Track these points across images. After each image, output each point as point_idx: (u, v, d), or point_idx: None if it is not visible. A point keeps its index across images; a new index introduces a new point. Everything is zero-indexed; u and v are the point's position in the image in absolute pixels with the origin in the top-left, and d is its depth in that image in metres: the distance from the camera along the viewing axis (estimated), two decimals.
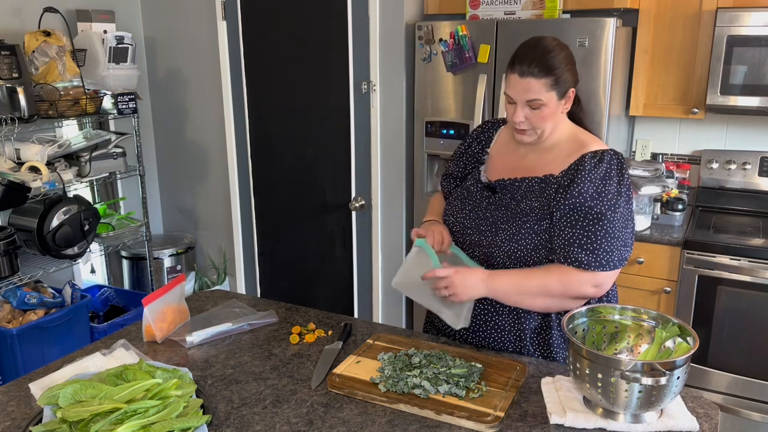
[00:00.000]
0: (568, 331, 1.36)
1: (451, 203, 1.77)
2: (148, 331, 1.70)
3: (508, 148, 1.72)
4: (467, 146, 1.82)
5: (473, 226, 1.66)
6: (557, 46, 1.54)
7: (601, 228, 1.49)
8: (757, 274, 2.51)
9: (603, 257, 1.50)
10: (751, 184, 2.96)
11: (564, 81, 1.52)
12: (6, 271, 2.66)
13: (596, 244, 1.49)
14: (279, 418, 1.35)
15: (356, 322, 1.81)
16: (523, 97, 1.53)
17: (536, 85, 1.50)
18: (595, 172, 1.52)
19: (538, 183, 1.59)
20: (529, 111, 1.54)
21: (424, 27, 2.84)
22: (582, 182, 1.51)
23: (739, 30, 2.57)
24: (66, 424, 1.23)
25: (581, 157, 1.55)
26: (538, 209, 1.57)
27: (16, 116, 2.60)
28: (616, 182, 1.52)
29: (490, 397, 1.39)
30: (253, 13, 3.30)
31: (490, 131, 1.79)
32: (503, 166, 1.70)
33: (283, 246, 3.56)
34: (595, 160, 1.53)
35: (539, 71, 1.49)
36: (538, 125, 1.55)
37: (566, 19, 2.64)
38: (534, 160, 1.64)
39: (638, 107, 2.88)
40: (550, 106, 1.53)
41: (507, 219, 1.60)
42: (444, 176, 1.88)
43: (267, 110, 3.41)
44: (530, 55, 1.51)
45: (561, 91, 1.53)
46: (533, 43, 1.54)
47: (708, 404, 1.38)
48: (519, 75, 1.51)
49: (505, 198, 1.63)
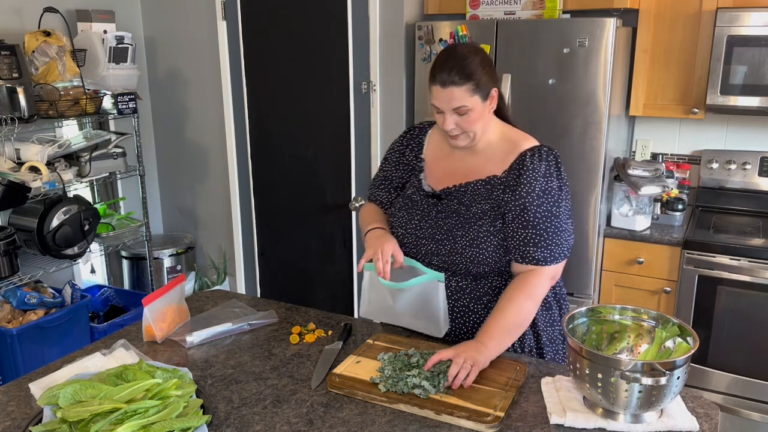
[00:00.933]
0: (568, 331, 1.37)
1: (396, 215, 1.76)
2: (148, 331, 1.70)
3: (442, 152, 1.75)
4: (400, 154, 1.81)
5: (428, 236, 1.67)
6: (471, 51, 1.58)
7: (551, 224, 1.58)
8: (757, 274, 2.51)
9: (556, 251, 1.59)
10: (751, 184, 2.96)
11: (484, 83, 1.57)
12: (6, 271, 2.66)
13: (549, 240, 1.58)
14: (279, 418, 1.35)
15: (356, 322, 1.81)
16: (449, 106, 1.57)
17: (459, 92, 1.55)
18: (538, 171, 1.59)
19: (483, 185, 1.64)
20: (458, 117, 1.59)
21: (424, 27, 2.84)
22: (527, 183, 1.58)
23: (739, 30, 2.57)
24: (66, 424, 1.23)
25: (521, 156, 1.61)
26: (489, 211, 1.62)
27: (16, 116, 2.60)
28: (556, 178, 1.60)
29: (490, 397, 1.39)
30: (253, 13, 3.30)
31: (419, 137, 1.80)
32: (443, 171, 1.73)
33: (283, 246, 3.56)
34: (536, 159, 1.60)
35: (459, 78, 1.54)
36: (468, 129, 1.60)
37: (566, 19, 2.64)
38: (472, 162, 1.68)
39: (638, 107, 2.88)
40: (476, 110, 1.58)
41: (461, 225, 1.62)
42: (377, 185, 1.85)
43: (267, 110, 3.41)
44: (448, 65, 1.55)
45: (484, 94, 1.58)
46: (448, 53, 1.58)
47: (708, 404, 1.38)
48: (441, 86, 1.56)
49: (452, 204, 1.66)
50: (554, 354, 1.72)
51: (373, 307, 1.71)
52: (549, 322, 1.71)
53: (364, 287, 1.70)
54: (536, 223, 1.57)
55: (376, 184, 1.86)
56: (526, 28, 2.65)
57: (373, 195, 1.87)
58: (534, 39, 2.62)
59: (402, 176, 1.81)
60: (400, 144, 1.83)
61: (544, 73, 2.64)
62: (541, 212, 1.57)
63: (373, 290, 1.69)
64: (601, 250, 2.79)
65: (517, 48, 2.67)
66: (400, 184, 1.82)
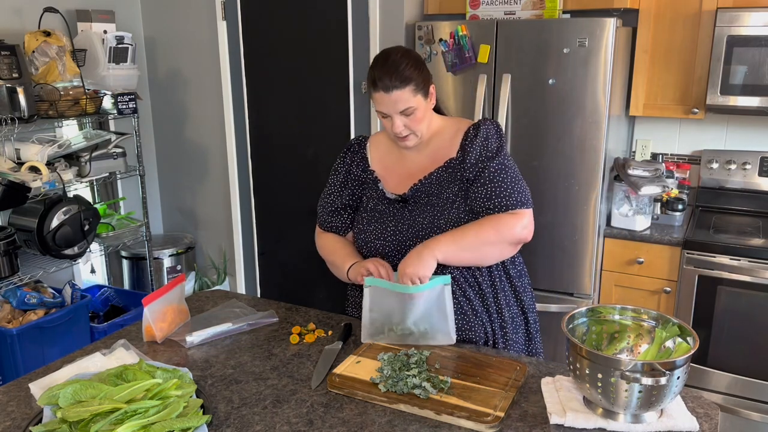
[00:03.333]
0: (568, 331, 1.37)
1: (366, 230, 1.75)
2: (148, 331, 1.70)
3: (391, 158, 1.80)
4: (346, 174, 1.82)
5: (410, 236, 1.69)
6: (404, 54, 1.65)
7: (506, 175, 1.66)
8: (757, 274, 2.51)
9: (520, 196, 1.66)
10: (751, 184, 2.96)
11: (422, 82, 1.65)
12: (6, 271, 2.66)
13: (510, 189, 1.65)
14: (279, 418, 1.35)
15: (356, 322, 1.80)
16: (395, 109, 1.64)
17: (404, 94, 1.62)
18: (479, 136, 1.69)
19: (445, 170, 1.71)
20: (405, 119, 1.66)
21: (424, 27, 2.84)
22: (472, 149, 1.68)
23: (739, 30, 2.57)
24: (66, 424, 1.23)
25: (465, 133, 1.72)
26: (459, 192, 1.69)
27: (16, 116, 2.60)
28: (495, 138, 1.70)
29: (490, 397, 1.39)
30: (253, 13, 3.30)
31: (360, 152, 1.84)
32: (399, 176, 1.77)
33: (283, 246, 3.56)
34: (476, 129, 1.71)
35: (401, 82, 1.61)
36: (416, 128, 1.68)
37: (566, 19, 2.64)
38: (425, 158, 1.75)
39: (638, 107, 2.88)
40: (421, 108, 1.66)
41: (439, 213, 1.68)
42: (328, 212, 1.83)
43: (267, 110, 3.41)
44: (387, 71, 1.61)
45: (424, 92, 1.66)
46: (384, 60, 1.64)
47: (708, 404, 1.38)
48: (384, 92, 1.62)
49: (421, 199, 1.71)
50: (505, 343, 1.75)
51: (375, 326, 1.65)
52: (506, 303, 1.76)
53: (364, 306, 1.65)
54: (491, 177, 1.65)
55: (327, 211, 1.84)
56: (526, 28, 2.65)
57: (326, 223, 1.85)
58: (534, 39, 2.62)
59: (352, 195, 1.81)
60: (341, 165, 1.84)
61: (544, 73, 2.64)
62: (493, 167, 1.66)
63: (375, 305, 1.65)
64: (601, 250, 2.79)
65: (517, 48, 2.67)
66: (351, 204, 1.82)
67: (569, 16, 2.71)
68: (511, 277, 1.77)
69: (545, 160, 2.70)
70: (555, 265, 2.76)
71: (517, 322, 1.78)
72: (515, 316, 1.78)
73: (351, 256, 1.76)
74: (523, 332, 1.80)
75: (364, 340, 1.65)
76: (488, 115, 2.78)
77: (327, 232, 1.87)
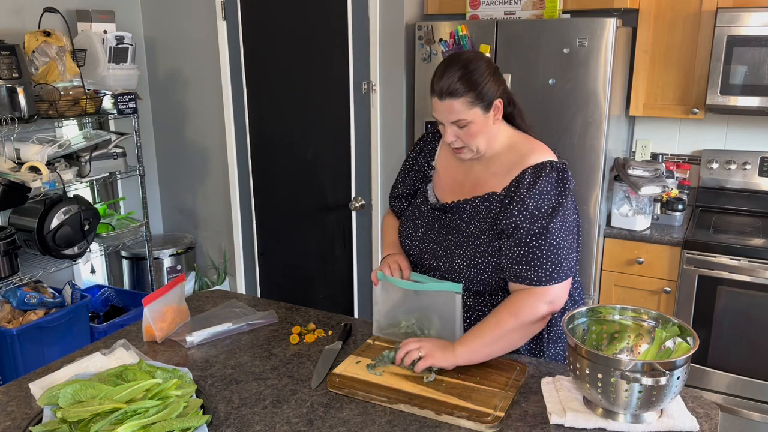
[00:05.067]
0: (568, 331, 1.37)
1: (404, 224, 1.74)
2: (148, 331, 1.70)
3: (453, 161, 1.69)
4: (413, 161, 1.79)
5: (429, 251, 1.65)
6: (472, 59, 1.50)
7: (545, 242, 1.48)
8: (757, 274, 2.51)
9: (552, 270, 1.48)
10: (751, 184, 2.96)
11: (486, 94, 1.49)
12: (6, 271, 2.66)
13: (543, 259, 1.48)
14: (279, 418, 1.35)
15: (356, 322, 1.81)
16: (447, 119, 1.51)
17: (456, 105, 1.48)
18: (534, 188, 1.50)
19: (482, 202, 1.57)
20: (458, 130, 1.52)
21: (424, 27, 2.84)
22: (521, 200, 1.50)
23: (739, 30, 2.57)
24: (66, 424, 1.23)
25: (521, 173, 1.53)
26: (487, 230, 1.55)
27: (16, 116, 2.60)
28: (555, 195, 1.50)
29: (490, 397, 1.39)
30: (253, 13, 3.30)
31: (432, 143, 1.76)
32: (451, 182, 1.68)
33: (283, 246, 3.56)
34: (534, 176, 1.51)
35: (457, 90, 1.47)
36: (469, 143, 1.54)
37: (566, 19, 2.64)
38: (479, 174, 1.62)
39: (638, 107, 2.88)
40: (477, 122, 1.51)
41: (460, 243, 1.58)
42: (393, 196, 1.83)
43: (267, 110, 3.41)
44: (446, 75, 1.48)
45: (485, 105, 1.50)
46: (448, 62, 1.51)
47: (708, 404, 1.38)
48: (439, 98, 1.50)
49: (454, 219, 1.61)
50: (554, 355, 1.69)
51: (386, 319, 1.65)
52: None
53: (376, 300, 1.66)
54: (528, 241, 1.48)
55: (393, 191, 1.84)
56: (526, 28, 2.65)
57: (391, 204, 1.85)
58: (534, 39, 2.62)
59: (414, 183, 1.78)
60: (414, 150, 1.79)
61: (544, 73, 2.64)
62: (534, 230, 1.48)
63: (386, 299, 1.64)
64: (601, 250, 2.79)
65: (517, 48, 2.67)
66: (412, 191, 1.79)
67: (569, 16, 2.71)
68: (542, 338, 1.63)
69: None
70: None
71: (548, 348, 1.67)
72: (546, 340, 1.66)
73: (391, 246, 1.74)
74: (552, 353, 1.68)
75: (374, 332, 1.66)
76: None
77: (391, 213, 1.85)
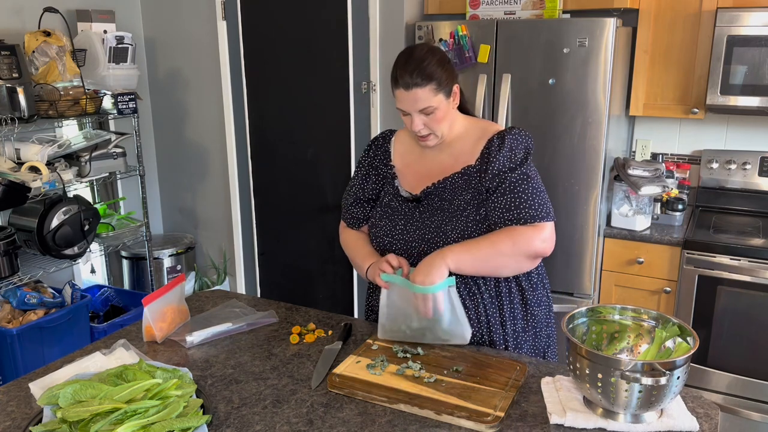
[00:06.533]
0: (568, 331, 1.37)
1: (377, 225, 1.75)
2: (148, 331, 1.70)
3: (412, 156, 1.77)
4: (369, 167, 1.81)
5: (416, 238, 1.67)
6: (429, 52, 1.61)
7: (528, 186, 1.61)
8: (757, 274, 2.51)
9: (541, 208, 1.60)
10: (751, 184, 2.96)
11: (445, 81, 1.60)
12: (6, 271, 2.66)
13: (531, 201, 1.60)
14: (279, 418, 1.35)
15: (356, 322, 1.81)
16: (414, 108, 1.61)
17: (422, 93, 1.58)
18: (504, 148, 1.63)
19: (461, 177, 1.66)
20: (425, 117, 1.62)
21: (424, 27, 2.84)
22: (496, 159, 1.62)
23: (739, 30, 2.57)
24: (66, 424, 1.23)
25: (488, 141, 1.66)
26: (471, 200, 1.64)
27: (16, 116, 2.60)
28: (522, 148, 1.65)
29: (490, 397, 1.39)
30: (253, 13, 3.30)
31: (384, 146, 1.81)
32: (417, 174, 1.74)
33: (283, 246, 3.56)
34: (500, 140, 1.65)
35: (421, 80, 1.57)
36: (436, 128, 1.64)
37: (566, 19, 2.64)
38: (444, 159, 1.71)
39: (638, 107, 2.88)
40: (442, 108, 1.62)
41: (449, 219, 1.64)
42: (351, 204, 1.82)
43: (267, 110, 3.41)
44: (408, 68, 1.58)
45: (446, 92, 1.62)
46: (407, 56, 1.61)
47: (708, 404, 1.38)
48: (404, 89, 1.59)
49: (434, 202, 1.67)
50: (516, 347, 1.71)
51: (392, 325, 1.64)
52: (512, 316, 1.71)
53: (382, 303, 1.65)
54: (512, 188, 1.60)
55: (350, 203, 1.83)
56: (526, 28, 2.65)
57: (347, 214, 1.84)
58: (534, 39, 2.62)
59: (374, 188, 1.80)
60: (366, 157, 1.83)
61: (544, 73, 2.64)
62: (515, 177, 1.60)
63: (392, 306, 1.64)
64: (601, 250, 2.79)
65: (517, 48, 2.67)
66: (373, 197, 1.81)
67: (569, 16, 2.71)
68: (523, 289, 1.71)
69: (545, 160, 2.70)
70: (555, 265, 2.76)
71: (521, 339, 1.72)
72: (520, 331, 1.71)
73: (370, 256, 1.75)
74: (530, 346, 1.74)
75: (379, 336, 1.66)
76: (488, 114, 2.79)
77: (349, 229, 1.86)
